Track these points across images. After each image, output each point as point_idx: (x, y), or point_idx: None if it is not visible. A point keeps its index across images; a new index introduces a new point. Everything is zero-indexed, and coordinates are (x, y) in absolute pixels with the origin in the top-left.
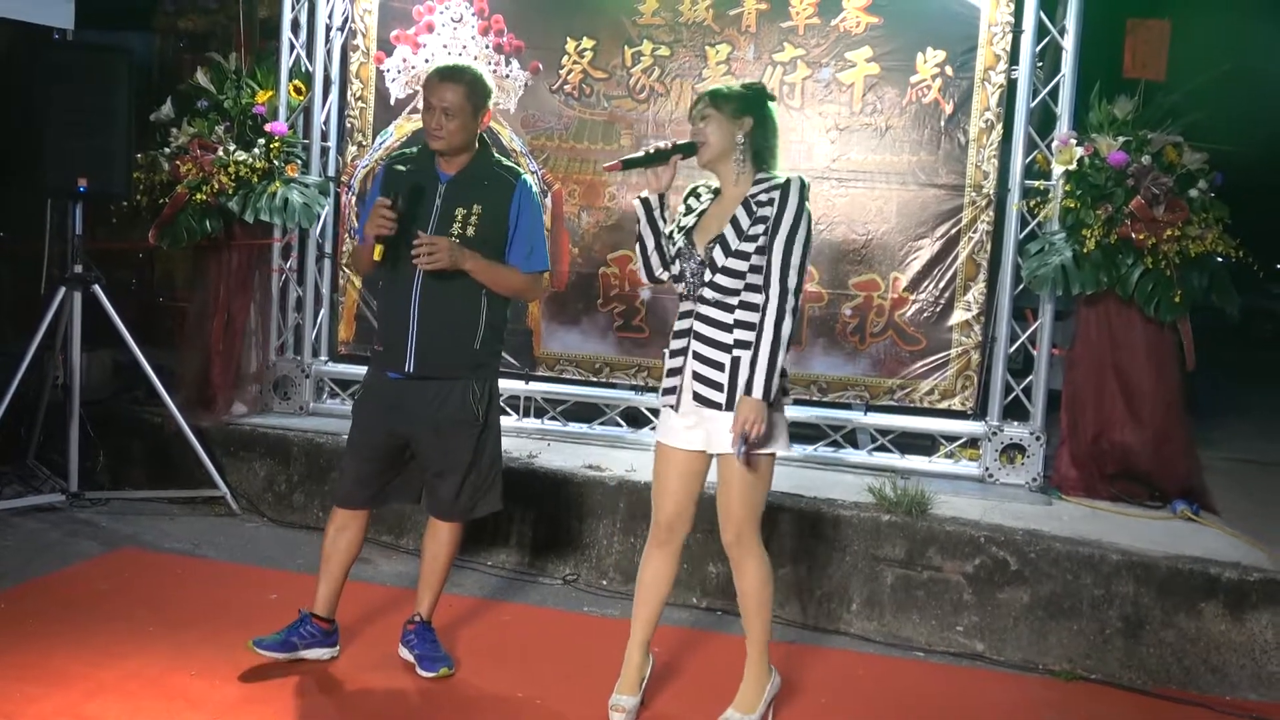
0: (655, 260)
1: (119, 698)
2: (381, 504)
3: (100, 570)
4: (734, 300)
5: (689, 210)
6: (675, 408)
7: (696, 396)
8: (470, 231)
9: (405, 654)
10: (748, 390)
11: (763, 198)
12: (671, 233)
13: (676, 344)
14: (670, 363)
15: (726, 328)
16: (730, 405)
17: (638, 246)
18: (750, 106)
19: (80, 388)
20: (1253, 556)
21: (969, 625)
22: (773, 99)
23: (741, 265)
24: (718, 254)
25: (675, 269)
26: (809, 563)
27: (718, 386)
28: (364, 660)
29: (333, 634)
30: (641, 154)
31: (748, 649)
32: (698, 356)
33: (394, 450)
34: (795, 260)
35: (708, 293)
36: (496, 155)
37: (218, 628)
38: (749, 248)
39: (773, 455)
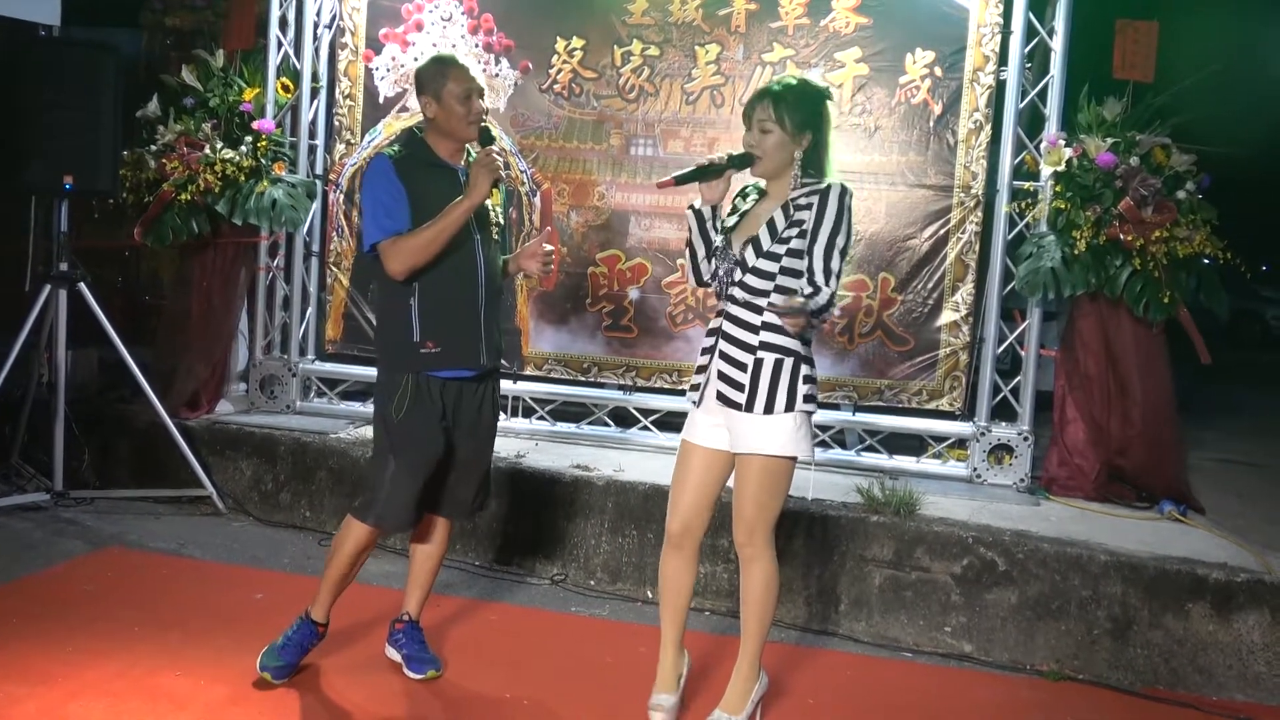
0: (705, 268)
1: (103, 698)
2: None
3: (85, 570)
4: (762, 301)
5: (734, 210)
6: (698, 404)
7: (720, 396)
8: (502, 219)
9: (393, 654)
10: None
11: (801, 201)
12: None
13: (706, 342)
14: (699, 360)
15: (753, 329)
16: (750, 407)
17: (688, 253)
18: (810, 121)
19: (65, 386)
20: (1240, 557)
21: (957, 626)
22: (829, 97)
23: (772, 266)
24: (749, 254)
25: (710, 266)
26: (797, 563)
27: (739, 387)
28: (351, 660)
29: (324, 631)
30: (694, 168)
31: (740, 649)
32: (723, 356)
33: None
34: (835, 265)
35: (737, 293)
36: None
37: (204, 627)
38: (780, 249)
39: (793, 460)
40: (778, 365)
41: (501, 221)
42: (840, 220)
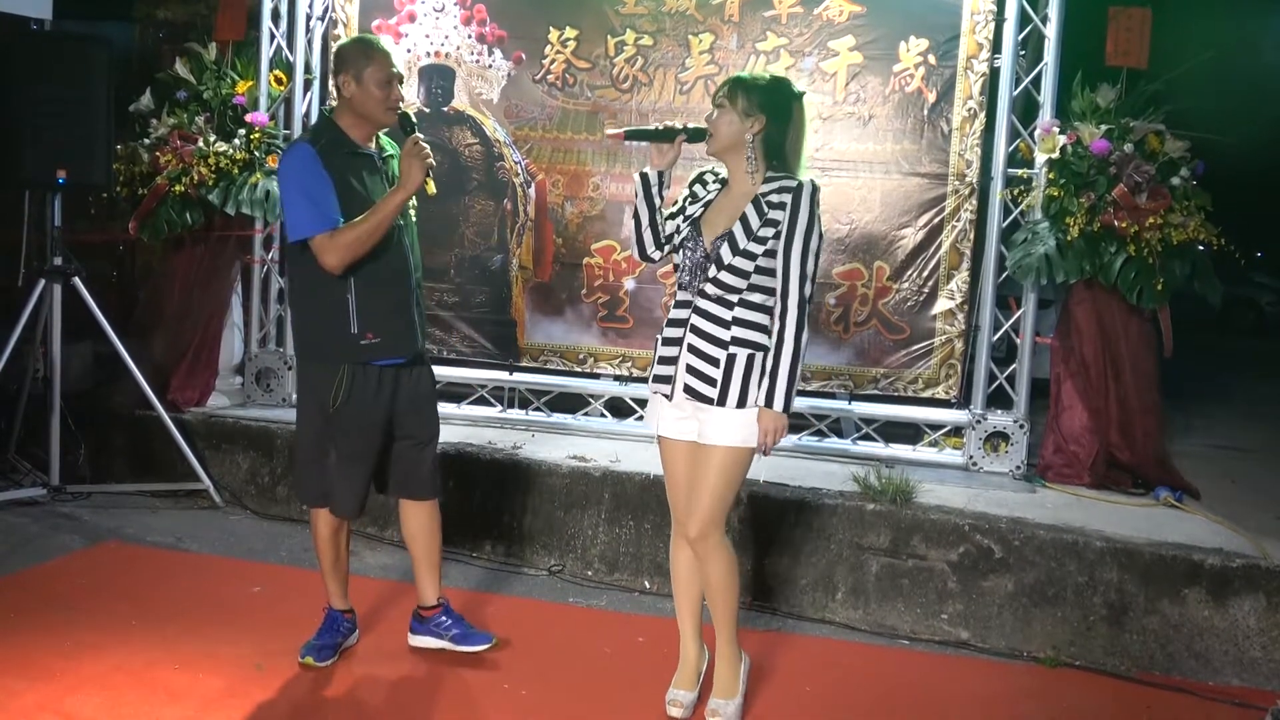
0: (648, 237)
1: (101, 691)
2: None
3: (82, 564)
4: (734, 298)
5: (694, 198)
6: (669, 397)
7: (687, 389)
8: (414, 209)
9: (432, 641)
10: (768, 402)
11: (774, 199)
12: (674, 214)
13: (671, 332)
14: (664, 350)
15: (724, 324)
16: (723, 402)
17: (632, 222)
18: (766, 106)
19: (60, 380)
20: (1235, 543)
21: (953, 613)
22: (798, 97)
23: (747, 265)
24: (725, 251)
25: (676, 258)
26: (794, 551)
27: (711, 382)
28: (346, 652)
29: (351, 616)
30: (650, 128)
31: (717, 636)
32: (692, 350)
33: (386, 444)
34: (810, 269)
35: (710, 288)
36: None
37: (201, 621)
38: (757, 248)
39: (753, 450)
40: (750, 360)
41: (414, 212)
42: (813, 221)
